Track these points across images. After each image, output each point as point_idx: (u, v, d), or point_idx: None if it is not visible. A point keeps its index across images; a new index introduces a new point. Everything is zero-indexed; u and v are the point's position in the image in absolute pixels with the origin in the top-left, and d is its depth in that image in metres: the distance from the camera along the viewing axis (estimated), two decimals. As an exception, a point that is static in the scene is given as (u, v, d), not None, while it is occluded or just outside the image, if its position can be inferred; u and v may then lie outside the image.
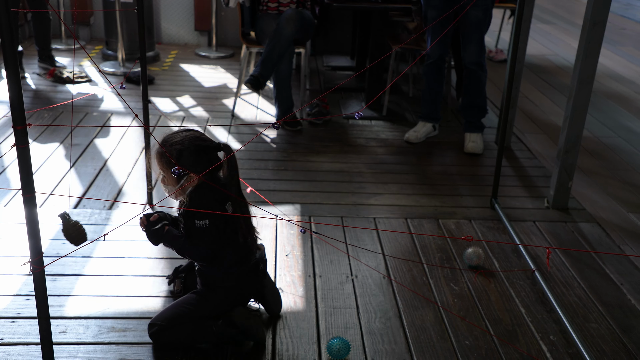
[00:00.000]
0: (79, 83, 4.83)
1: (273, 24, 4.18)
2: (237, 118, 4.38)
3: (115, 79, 5.04)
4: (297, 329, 2.26)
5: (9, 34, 1.41)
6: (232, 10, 5.97)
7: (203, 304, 2.15)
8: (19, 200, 3.02)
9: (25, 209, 1.55)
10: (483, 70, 3.91)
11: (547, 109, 4.94)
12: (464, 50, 3.90)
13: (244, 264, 2.20)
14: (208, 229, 2.08)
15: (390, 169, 3.70)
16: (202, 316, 2.12)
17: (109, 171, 3.44)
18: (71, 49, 5.76)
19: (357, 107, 4.71)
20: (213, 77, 5.32)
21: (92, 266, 2.55)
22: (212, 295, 2.17)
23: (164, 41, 6.28)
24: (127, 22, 5.32)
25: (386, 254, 2.77)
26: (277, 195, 3.25)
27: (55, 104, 4.38)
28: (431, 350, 2.18)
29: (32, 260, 1.58)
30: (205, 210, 2.05)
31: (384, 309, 2.40)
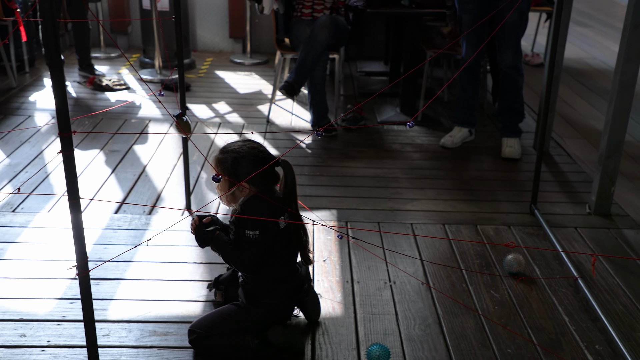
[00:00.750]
0: (118, 90, 4.92)
1: (307, 31, 4.20)
2: (272, 124, 4.40)
3: (152, 86, 5.12)
4: (336, 334, 2.26)
5: (55, 46, 1.44)
6: (266, 17, 6.01)
7: (243, 318, 2.14)
8: (62, 205, 3.08)
9: (71, 214, 1.57)
10: (520, 74, 3.86)
11: (586, 113, 4.86)
12: (500, 54, 3.86)
13: (290, 282, 2.19)
14: (257, 240, 2.06)
15: (427, 175, 3.68)
16: (241, 330, 2.12)
17: (147, 177, 3.48)
18: (110, 57, 5.87)
19: (391, 113, 4.70)
20: (248, 83, 5.36)
21: (134, 271, 2.59)
22: (253, 310, 2.15)
23: (200, 48, 6.35)
24: (164, 30, 5.40)
25: (424, 259, 2.75)
26: (313, 201, 3.26)
27: (95, 111, 4.47)
28: (472, 358, 2.15)
29: (77, 264, 1.61)
30: (255, 217, 2.05)
31: (423, 315, 2.38)
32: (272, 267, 2.14)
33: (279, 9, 4.36)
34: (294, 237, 2.15)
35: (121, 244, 2.77)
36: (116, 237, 2.83)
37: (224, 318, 2.13)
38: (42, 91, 4.86)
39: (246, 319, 2.13)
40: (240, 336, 2.10)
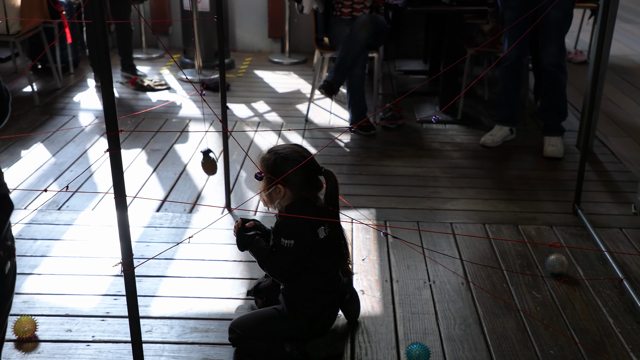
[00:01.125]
0: (159, 91, 5.00)
1: (346, 30, 4.20)
2: (310, 123, 4.42)
3: (191, 87, 5.18)
4: (376, 333, 2.25)
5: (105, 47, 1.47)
6: (306, 17, 6.03)
7: (283, 325, 2.12)
8: (105, 203, 3.15)
9: (117, 211, 1.60)
10: (563, 72, 3.79)
11: (631, 111, 4.74)
12: (543, 51, 3.80)
13: (330, 293, 2.17)
14: (292, 249, 2.05)
15: (466, 174, 3.64)
16: (280, 335, 2.11)
17: (188, 175, 3.53)
18: (151, 58, 5.97)
19: (431, 112, 4.66)
20: (286, 82, 5.39)
21: (175, 268, 2.63)
22: (293, 318, 2.13)
23: (239, 48, 6.41)
24: (204, 30, 5.47)
25: (464, 259, 2.73)
26: (351, 200, 3.25)
27: (137, 111, 4.55)
28: (514, 359, 2.12)
29: (123, 261, 1.64)
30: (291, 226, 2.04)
31: (463, 315, 2.36)
32: (312, 277, 2.12)
33: (319, 8, 4.36)
34: (334, 247, 2.13)
35: (163, 241, 2.81)
36: (158, 234, 2.88)
37: (264, 321, 2.13)
38: (86, 92, 4.97)
39: (285, 326, 2.13)
40: (278, 342, 2.10)
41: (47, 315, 2.30)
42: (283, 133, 4.18)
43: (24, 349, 2.13)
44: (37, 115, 4.39)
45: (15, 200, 3.15)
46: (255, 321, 2.14)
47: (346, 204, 3.12)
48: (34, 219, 2.98)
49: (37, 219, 2.98)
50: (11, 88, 4.80)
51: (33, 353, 2.11)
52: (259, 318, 2.15)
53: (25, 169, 3.53)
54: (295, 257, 2.06)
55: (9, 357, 2.09)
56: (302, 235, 2.05)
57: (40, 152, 3.78)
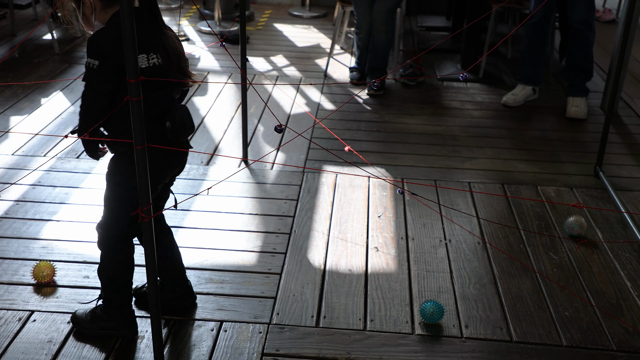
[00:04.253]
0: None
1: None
2: (329, 78, 4.36)
3: (211, 38, 5.13)
4: (390, 290, 2.26)
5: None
6: (327, -31, 5.90)
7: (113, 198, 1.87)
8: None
9: (137, 160, 1.60)
10: (591, 30, 3.68)
11: (659, 74, 4.62)
12: (571, 8, 3.69)
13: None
14: (95, 70, 1.71)
15: (486, 133, 3.59)
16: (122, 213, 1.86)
17: (206, 128, 3.52)
18: (170, 9, 5.90)
19: (452, 69, 4.58)
20: (306, 36, 5.31)
21: (191, 219, 2.64)
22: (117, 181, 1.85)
23: (259, 1, 6.30)
24: (224, -19, 5.37)
25: (481, 218, 2.71)
26: (369, 157, 3.23)
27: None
28: (528, 320, 2.12)
29: (141, 209, 1.64)
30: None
31: (478, 274, 2.35)
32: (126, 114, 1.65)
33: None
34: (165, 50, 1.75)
35: (179, 192, 2.81)
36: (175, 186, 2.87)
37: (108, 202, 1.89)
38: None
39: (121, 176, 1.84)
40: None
41: (65, 261, 2.33)
42: (301, 87, 4.13)
43: (42, 293, 2.16)
44: (57, 63, 4.37)
45: (35, 147, 3.17)
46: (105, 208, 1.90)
47: (363, 161, 3.10)
48: (53, 166, 2.99)
49: (56, 166, 3.00)
50: (31, 35, 4.78)
51: (51, 297, 2.15)
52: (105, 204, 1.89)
53: (44, 116, 3.53)
54: (98, 79, 1.71)
55: (28, 300, 2.12)
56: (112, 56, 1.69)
57: (59, 100, 3.78)
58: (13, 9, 4.87)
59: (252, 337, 2.01)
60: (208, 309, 2.13)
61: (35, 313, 2.07)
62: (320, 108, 3.84)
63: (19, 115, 3.54)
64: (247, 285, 2.25)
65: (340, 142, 3.21)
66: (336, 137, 3.28)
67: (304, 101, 3.94)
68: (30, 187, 2.81)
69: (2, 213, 2.61)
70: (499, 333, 2.06)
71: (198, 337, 2.01)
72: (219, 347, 1.97)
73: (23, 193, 2.76)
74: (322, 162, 3.17)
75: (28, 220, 2.57)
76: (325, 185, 2.94)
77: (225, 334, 2.02)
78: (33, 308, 2.09)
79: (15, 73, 4.10)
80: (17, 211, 2.63)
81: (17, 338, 1.96)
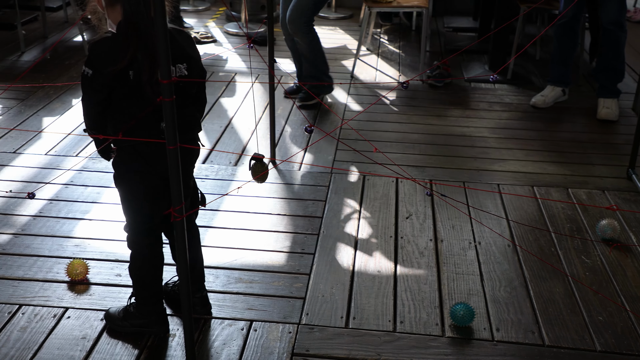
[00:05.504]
0: (205, 43, 4.99)
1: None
2: (356, 79, 4.36)
3: (238, 39, 5.15)
4: (419, 292, 2.25)
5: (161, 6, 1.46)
6: (353, -30, 5.90)
7: (123, 197, 1.92)
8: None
9: (169, 160, 1.61)
10: (623, 30, 3.63)
11: (692, 75, 4.53)
12: (602, 8, 3.64)
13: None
14: (90, 78, 1.73)
15: (515, 135, 3.55)
16: (136, 210, 1.91)
17: (234, 129, 3.54)
18: (197, 10, 5.94)
19: (479, 70, 4.55)
20: (332, 38, 5.31)
21: (220, 219, 2.66)
22: (121, 180, 1.90)
23: (284, 2, 6.32)
24: (251, -17, 5.40)
25: (511, 220, 2.68)
26: (396, 158, 3.22)
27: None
28: (561, 324, 2.10)
29: (174, 208, 1.65)
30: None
31: (509, 277, 2.33)
32: (117, 122, 1.79)
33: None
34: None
35: (208, 192, 2.84)
36: (203, 186, 2.90)
37: (124, 203, 1.93)
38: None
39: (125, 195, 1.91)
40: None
41: (98, 259, 2.36)
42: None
43: (76, 291, 2.19)
44: (86, 64, 4.43)
45: (67, 147, 3.22)
46: (122, 209, 1.95)
47: (391, 162, 3.09)
48: (85, 166, 3.04)
49: (88, 166, 3.04)
50: (63, 38, 4.85)
51: (85, 295, 2.18)
52: (121, 205, 1.94)
53: (76, 116, 3.58)
54: (90, 87, 1.74)
55: (62, 297, 2.16)
56: (102, 65, 1.70)
57: (89, 101, 3.83)
58: (45, 11, 4.95)
59: (282, 337, 2.02)
60: (238, 308, 2.14)
61: (69, 310, 2.10)
62: (347, 109, 3.84)
63: (51, 115, 3.60)
64: (277, 285, 2.26)
65: (367, 144, 3.21)
66: (363, 138, 3.27)
67: (331, 102, 3.94)
68: (63, 187, 2.85)
69: (37, 212, 2.65)
70: (530, 337, 2.04)
71: (229, 336, 2.02)
72: (249, 346, 1.98)
73: (56, 192, 2.80)
74: (350, 163, 3.17)
75: (61, 218, 2.61)
76: (353, 186, 2.94)
77: (255, 333, 2.03)
78: (67, 305, 2.12)
79: (47, 74, 4.17)
80: (50, 210, 2.67)
81: (52, 334, 2.00)
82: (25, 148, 3.20)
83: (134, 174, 1.87)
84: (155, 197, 1.90)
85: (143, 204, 1.90)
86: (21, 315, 2.07)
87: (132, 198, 1.91)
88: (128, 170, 1.88)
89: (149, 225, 1.94)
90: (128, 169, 1.88)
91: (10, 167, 3.01)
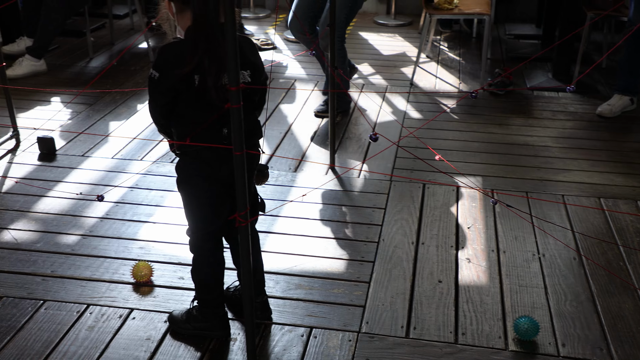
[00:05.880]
0: (265, 50, 5.05)
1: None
2: (415, 87, 4.33)
3: (297, 46, 5.20)
4: (482, 304, 2.21)
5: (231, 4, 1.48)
6: (413, -23, 5.88)
7: (186, 202, 1.94)
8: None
9: (235, 165, 1.64)
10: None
11: None
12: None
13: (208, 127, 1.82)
14: (156, 81, 1.77)
15: (581, 145, 3.45)
16: (198, 215, 1.94)
17: (293, 135, 3.56)
18: (258, 18, 6.03)
19: (542, 78, 4.44)
20: (391, 45, 5.29)
21: (280, 225, 2.68)
22: (183, 185, 1.92)
23: (343, 9, 6.34)
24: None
25: (577, 231, 2.61)
26: (457, 166, 3.17)
27: (244, 70, 4.61)
28: (631, 341, 2.02)
29: (239, 214, 1.67)
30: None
31: (575, 291, 2.26)
32: (183, 127, 1.83)
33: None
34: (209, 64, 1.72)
35: (267, 198, 2.87)
36: (263, 191, 2.93)
37: (186, 210, 1.95)
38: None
39: (189, 201, 1.94)
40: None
41: (162, 262, 2.41)
42: (387, 96, 4.12)
43: (141, 292, 2.25)
44: (151, 71, 4.55)
45: (132, 151, 3.31)
46: (185, 213, 1.97)
47: (451, 170, 3.05)
48: (149, 169, 3.11)
49: (152, 170, 3.12)
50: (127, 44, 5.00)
51: (149, 296, 2.23)
52: (184, 209, 1.97)
53: (141, 121, 3.68)
54: (156, 90, 1.79)
55: (128, 298, 2.21)
56: (169, 68, 1.74)
57: (153, 106, 3.93)
58: (112, 19, 5.12)
59: (342, 344, 2.02)
60: (298, 314, 2.15)
61: (134, 311, 2.15)
62: (406, 117, 3.82)
63: (118, 120, 3.71)
64: (336, 293, 2.26)
65: (426, 152, 3.18)
66: (426, 146, 3.24)
67: (390, 109, 3.92)
68: (129, 190, 2.93)
69: (104, 214, 2.73)
70: (598, 354, 1.98)
71: (289, 342, 2.03)
72: (309, 353, 1.99)
73: (122, 195, 2.89)
74: (410, 170, 3.14)
75: (127, 221, 2.69)
76: (413, 194, 2.92)
77: (315, 340, 2.04)
78: (132, 306, 2.18)
79: (114, 80, 4.30)
80: (116, 212, 2.75)
81: (118, 334, 2.05)
82: (93, 151, 3.30)
83: (196, 179, 1.90)
84: (217, 202, 1.93)
85: (205, 209, 1.94)
86: (89, 314, 2.14)
87: (194, 203, 1.94)
88: (191, 175, 1.91)
89: (211, 230, 1.97)
90: (191, 173, 1.91)
91: (78, 170, 3.11)
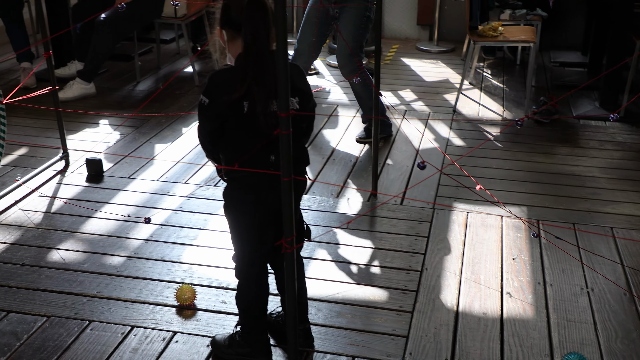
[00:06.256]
0: (309, 76, 5.09)
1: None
2: (458, 114, 4.30)
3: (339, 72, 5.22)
4: (528, 338, 2.15)
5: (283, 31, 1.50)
6: (455, 4, 5.88)
7: (232, 227, 1.96)
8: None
9: (283, 192, 1.64)
10: None
11: None
12: None
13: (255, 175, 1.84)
14: (206, 107, 1.80)
15: (630, 176, 3.37)
16: (245, 240, 1.95)
17: (335, 160, 3.57)
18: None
19: (588, 107, 4.37)
20: (434, 71, 5.28)
21: (322, 251, 2.67)
22: (230, 210, 1.93)
23: (386, 35, 6.37)
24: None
25: (627, 266, 2.53)
26: (501, 196, 3.13)
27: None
28: (687, 383, 1.95)
29: (285, 240, 1.67)
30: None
31: (626, 328, 2.19)
32: (231, 153, 1.86)
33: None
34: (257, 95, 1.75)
35: (310, 223, 2.86)
36: (305, 217, 2.93)
37: (232, 235, 1.97)
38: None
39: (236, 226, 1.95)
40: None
41: (205, 285, 2.43)
42: (430, 122, 4.10)
43: (184, 315, 2.26)
44: (197, 94, 4.63)
45: (176, 174, 3.35)
46: (231, 239, 1.99)
47: (495, 200, 3.01)
48: (193, 192, 3.15)
49: (196, 193, 3.15)
50: (173, 68, 5.10)
51: (192, 320, 2.24)
52: (230, 235, 1.99)
53: (185, 145, 3.74)
54: (205, 115, 1.82)
55: (171, 321, 2.23)
56: (218, 94, 1.77)
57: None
58: (159, 43, 5.24)
59: (385, 375, 1.99)
60: (340, 343, 2.13)
61: (177, 334, 2.16)
62: (449, 144, 3.79)
63: (163, 143, 3.77)
64: (379, 322, 2.23)
65: (470, 180, 3.14)
66: (467, 175, 3.21)
67: (433, 136, 3.90)
68: (173, 212, 2.97)
69: (148, 236, 2.77)
70: (652, 395, 1.91)
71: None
72: (351, 383, 1.96)
73: (166, 218, 2.92)
74: (453, 199, 3.11)
75: (171, 243, 2.71)
76: (457, 223, 2.88)
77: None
78: (175, 329, 2.19)
79: (160, 103, 4.38)
80: (161, 234, 2.78)
81: (161, 357, 2.06)
82: (139, 174, 3.36)
83: (243, 205, 1.91)
84: (263, 229, 1.93)
85: (252, 235, 1.94)
86: (133, 336, 2.16)
87: (241, 228, 1.95)
88: (238, 201, 1.93)
89: (257, 256, 1.98)
90: (238, 200, 1.92)
91: (124, 192, 3.17)
